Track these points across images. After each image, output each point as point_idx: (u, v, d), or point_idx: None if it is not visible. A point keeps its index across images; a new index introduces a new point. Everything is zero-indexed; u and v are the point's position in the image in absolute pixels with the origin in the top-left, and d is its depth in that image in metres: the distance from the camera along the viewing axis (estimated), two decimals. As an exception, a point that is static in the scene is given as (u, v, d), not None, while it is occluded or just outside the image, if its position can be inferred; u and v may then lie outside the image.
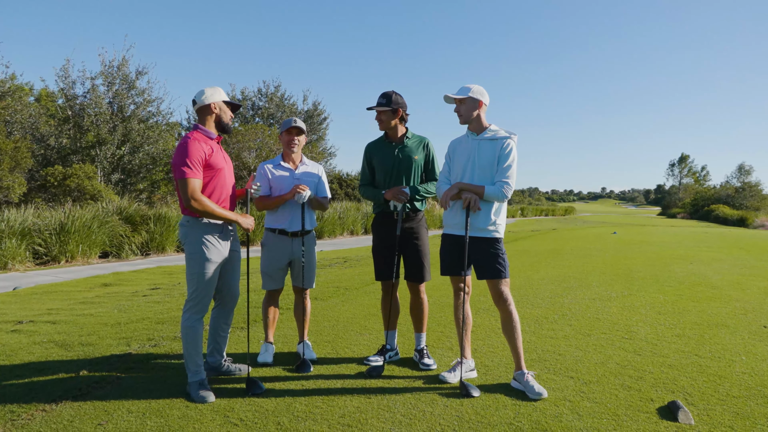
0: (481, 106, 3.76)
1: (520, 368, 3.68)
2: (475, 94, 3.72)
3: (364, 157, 4.31)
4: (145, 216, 14.23)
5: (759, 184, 66.45)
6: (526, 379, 3.59)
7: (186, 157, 3.41)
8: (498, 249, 3.71)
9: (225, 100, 3.70)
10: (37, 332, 5.11)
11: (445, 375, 3.78)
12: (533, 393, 3.49)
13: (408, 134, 4.20)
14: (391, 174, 4.14)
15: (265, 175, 4.20)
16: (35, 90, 30.22)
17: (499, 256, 3.70)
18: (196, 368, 3.54)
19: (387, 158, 4.15)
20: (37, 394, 3.47)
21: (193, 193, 3.39)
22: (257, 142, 22.75)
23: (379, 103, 4.09)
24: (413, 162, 4.14)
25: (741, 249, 14.54)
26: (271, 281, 4.25)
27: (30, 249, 11.37)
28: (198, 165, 3.44)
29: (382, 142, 4.23)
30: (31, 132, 21.84)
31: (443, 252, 3.92)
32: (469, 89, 3.73)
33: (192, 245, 3.54)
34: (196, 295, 3.55)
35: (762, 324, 5.48)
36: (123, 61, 22.84)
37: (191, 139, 3.49)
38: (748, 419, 3.16)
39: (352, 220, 21.90)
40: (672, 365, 4.14)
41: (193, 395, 3.42)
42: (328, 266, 10.47)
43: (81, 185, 17.88)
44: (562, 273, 9.19)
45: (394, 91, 4.10)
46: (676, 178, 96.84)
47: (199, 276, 3.53)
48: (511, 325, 3.67)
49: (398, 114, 4.10)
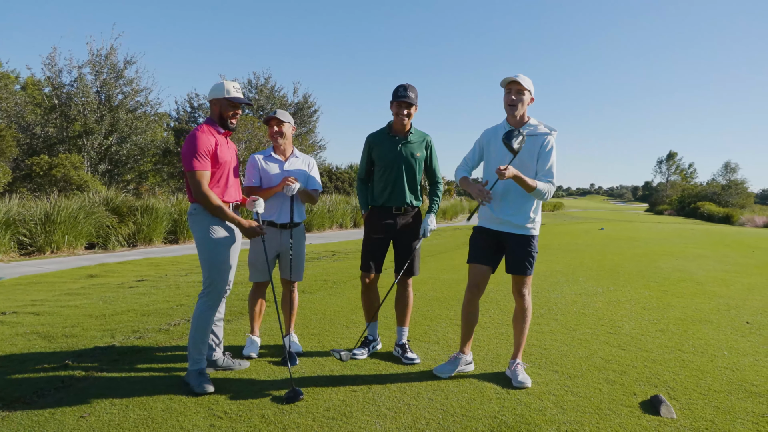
0: (532, 101, 3.68)
1: (515, 357, 3.78)
2: (531, 88, 3.61)
3: (365, 148, 4.24)
4: (133, 207, 14.07)
5: (744, 182, 67.19)
6: (514, 367, 3.70)
7: (194, 148, 3.44)
8: (533, 247, 3.72)
9: (227, 96, 3.60)
10: (21, 323, 5.05)
11: (439, 369, 3.79)
12: (516, 381, 3.58)
13: (411, 129, 4.15)
14: (391, 168, 4.08)
15: (255, 166, 4.17)
16: (21, 78, 29.75)
17: (532, 254, 3.71)
18: (200, 356, 3.55)
19: (389, 152, 4.09)
20: (18, 386, 3.43)
21: (199, 186, 3.43)
22: (246, 134, 22.57)
23: (410, 100, 3.96)
24: (415, 159, 4.10)
25: (726, 246, 14.72)
26: (258, 273, 4.23)
27: (15, 239, 11.20)
28: (205, 156, 3.47)
29: (385, 134, 4.15)
30: (17, 121, 21.52)
31: (477, 241, 3.82)
32: (528, 81, 3.59)
33: (200, 231, 3.56)
34: (210, 281, 3.57)
35: (744, 320, 5.55)
36: (111, 50, 22.53)
37: (199, 131, 3.53)
38: (728, 413, 3.21)
39: (341, 213, 21.83)
40: (655, 360, 4.18)
41: (193, 384, 3.40)
42: (316, 259, 10.45)
43: (67, 175, 17.65)
44: (549, 268, 9.25)
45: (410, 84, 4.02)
46: (664, 175, 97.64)
47: (211, 261, 3.55)
48: (524, 317, 3.77)
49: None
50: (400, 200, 4.12)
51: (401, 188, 4.11)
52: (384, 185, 4.13)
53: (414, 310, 5.66)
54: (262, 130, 22.75)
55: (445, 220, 31.53)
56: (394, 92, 4.00)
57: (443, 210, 31.39)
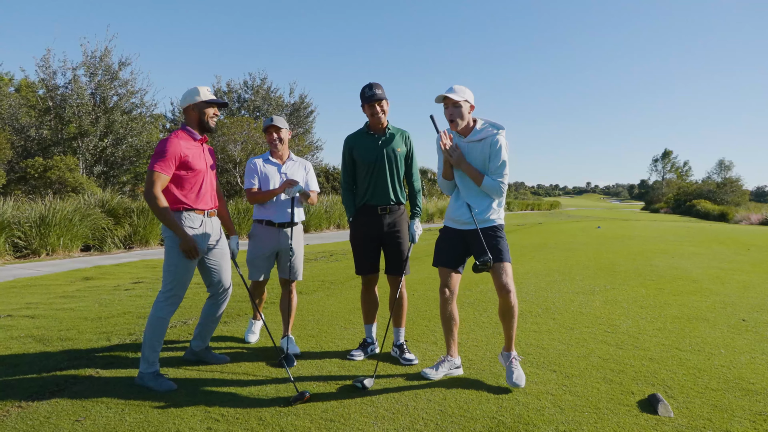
0: (472, 109, 3.67)
1: (509, 350, 3.69)
2: (468, 97, 3.59)
3: (344, 152, 4.19)
4: (129, 209, 14.01)
5: (739, 180, 67.50)
6: (510, 361, 3.63)
7: (162, 151, 3.48)
8: (499, 234, 3.66)
9: (204, 99, 3.67)
10: (15, 327, 5.02)
11: (428, 371, 3.74)
12: (510, 379, 3.53)
13: (389, 126, 4.15)
14: (374, 167, 4.05)
15: (254, 170, 4.27)
16: (15, 80, 29.63)
17: (499, 241, 3.63)
18: (155, 359, 3.58)
19: (370, 150, 4.06)
20: (13, 389, 3.40)
21: (151, 186, 3.44)
22: (243, 135, 22.53)
23: (379, 96, 3.96)
24: (397, 154, 4.08)
25: (721, 243, 14.75)
26: (256, 271, 4.27)
27: (9, 242, 11.14)
28: (170, 161, 3.48)
29: (363, 134, 4.14)
30: (11, 123, 21.40)
31: (442, 243, 3.82)
32: (463, 91, 3.58)
33: (172, 238, 3.57)
34: (172, 287, 3.59)
35: (740, 317, 5.56)
36: (105, 52, 22.43)
37: (172, 137, 3.57)
38: (726, 411, 3.21)
39: (338, 213, 21.77)
40: (653, 358, 4.18)
41: (153, 385, 3.47)
42: (313, 260, 10.43)
43: (62, 177, 17.57)
44: (546, 267, 9.25)
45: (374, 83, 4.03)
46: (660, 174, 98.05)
47: (177, 268, 3.57)
48: (510, 312, 3.59)
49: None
50: (384, 198, 4.08)
51: (384, 185, 4.07)
52: (367, 184, 4.09)
53: (411, 310, 5.65)
54: (258, 131, 22.72)
55: (442, 219, 31.51)
56: (361, 96, 4.01)
57: (440, 210, 31.38)
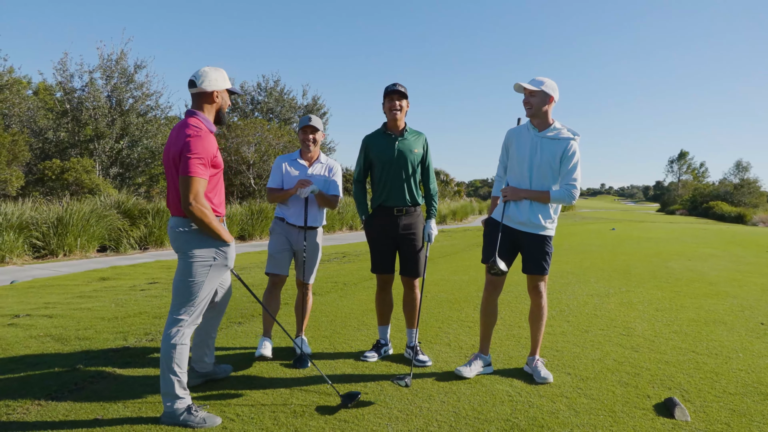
0: (551, 102, 3.67)
1: (534, 354, 3.88)
2: (547, 88, 3.62)
3: (361, 150, 4.23)
4: (144, 210, 14.17)
5: (757, 181, 66.41)
6: (535, 363, 3.80)
7: (199, 152, 2.89)
8: (549, 247, 3.77)
9: (228, 87, 3.17)
10: (34, 326, 5.10)
11: (462, 369, 3.79)
12: (539, 377, 3.68)
13: (406, 128, 4.16)
14: (390, 166, 4.06)
15: (278, 169, 4.26)
16: (33, 83, 30.06)
17: (548, 254, 3.77)
18: (185, 392, 3.04)
19: (386, 150, 4.08)
20: (32, 388, 3.46)
21: (197, 194, 2.88)
22: (256, 137, 22.67)
23: (401, 91, 4.01)
24: (413, 155, 4.09)
25: (738, 245, 14.55)
26: (274, 264, 4.19)
27: (28, 242, 11.32)
28: (207, 164, 2.95)
29: (381, 134, 4.16)
30: (29, 125, 21.72)
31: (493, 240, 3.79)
32: (542, 82, 3.63)
33: (202, 251, 3.03)
34: (194, 308, 3.04)
35: (759, 321, 5.48)
36: (121, 55, 22.69)
37: (202, 131, 2.96)
38: (744, 416, 3.16)
39: (351, 215, 21.81)
40: (669, 362, 4.14)
41: (192, 423, 2.93)
42: (326, 261, 10.45)
43: (79, 179, 17.81)
44: (560, 269, 9.19)
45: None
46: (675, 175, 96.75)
47: (203, 285, 3.04)
48: (540, 315, 3.86)
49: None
50: (400, 199, 4.09)
51: (399, 186, 4.08)
52: (383, 185, 4.10)
53: (425, 312, 5.65)
54: (272, 132, 22.84)
55: (455, 221, 31.46)
56: (384, 90, 4.07)
57: (453, 211, 31.31)
